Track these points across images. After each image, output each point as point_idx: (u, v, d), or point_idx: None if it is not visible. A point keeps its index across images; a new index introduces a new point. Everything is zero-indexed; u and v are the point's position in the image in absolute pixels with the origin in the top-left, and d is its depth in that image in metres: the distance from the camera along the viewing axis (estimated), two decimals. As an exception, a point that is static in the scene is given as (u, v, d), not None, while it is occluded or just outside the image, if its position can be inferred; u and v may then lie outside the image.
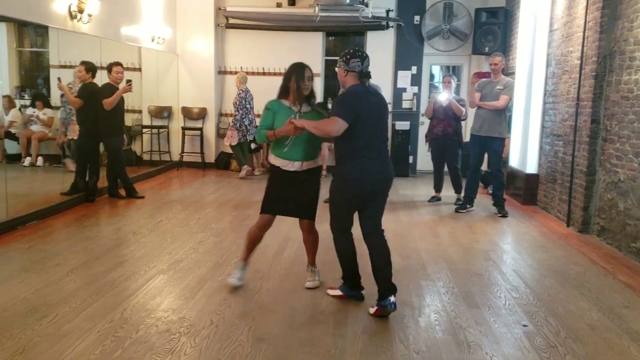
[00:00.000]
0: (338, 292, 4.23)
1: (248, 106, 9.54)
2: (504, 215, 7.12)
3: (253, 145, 10.07)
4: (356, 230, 4.18)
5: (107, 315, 3.74)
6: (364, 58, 3.95)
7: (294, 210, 4.32)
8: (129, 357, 3.19)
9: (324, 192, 4.36)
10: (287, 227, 6.28)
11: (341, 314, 3.91)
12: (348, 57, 3.94)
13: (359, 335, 3.57)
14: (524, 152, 8.10)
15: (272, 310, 3.92)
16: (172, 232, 6.01)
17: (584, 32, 6.33)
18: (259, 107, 8.54)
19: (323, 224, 4.46)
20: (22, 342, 3.32)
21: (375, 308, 3.88)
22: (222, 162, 10.73)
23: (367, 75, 3.97)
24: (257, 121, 9.02)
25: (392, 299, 3.84)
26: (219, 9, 10.47)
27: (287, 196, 4.23)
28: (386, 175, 4.03)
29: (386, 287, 3.89)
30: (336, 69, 4.08)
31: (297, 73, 4.13)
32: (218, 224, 6.39)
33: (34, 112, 8.77)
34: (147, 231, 6.00)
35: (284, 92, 4.21)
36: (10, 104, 8.57)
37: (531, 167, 7.93)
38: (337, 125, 3.79)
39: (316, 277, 4.49)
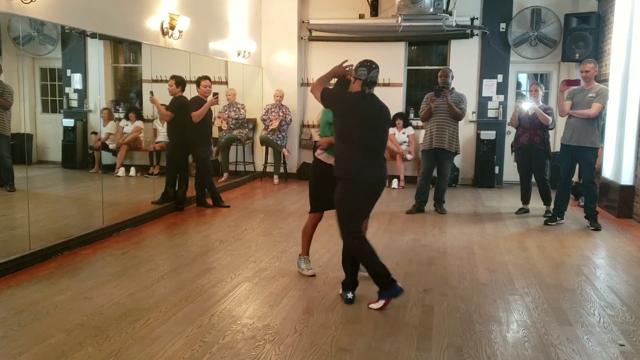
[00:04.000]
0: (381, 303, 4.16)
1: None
2: (597, 229, 6.79)
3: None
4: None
5: (196, 321, 3.86)
6: (372, 69, 4.22)
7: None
8: (216, 362, 3.28)
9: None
10: (368, 237, 6.28)
11: (425, 326, 3.84)
12: (358, 65, 4.28)
13: (444, 349, 3.49)
14: (619, 163, 7.71)
15: (355, 321, 3.91)
16: (257, 241, 6.13)
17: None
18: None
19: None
20: (117, 344, 3.48)
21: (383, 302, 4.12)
22: (304, 173, 10.86)
23: (371, 84, 4.23)
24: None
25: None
26: (303, 22, 10.66)
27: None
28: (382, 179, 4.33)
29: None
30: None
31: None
32: (300, 234, 6.44)
33: (127, 124, 9.23)
34: (232, 239, 6.16)
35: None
36: (109, 116, 9.06)
37: (626, 178, 7.53)
38: (318, 91, 4.27)
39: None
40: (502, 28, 10.10)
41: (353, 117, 4.17)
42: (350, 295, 4.25)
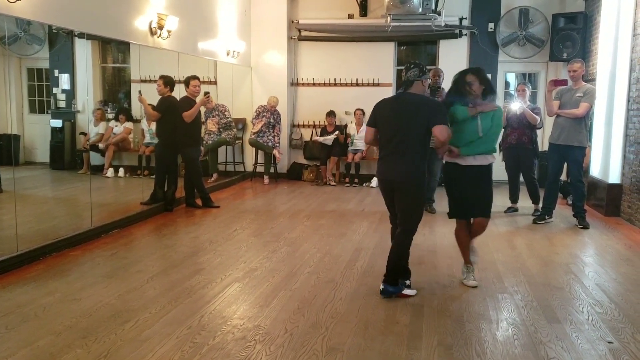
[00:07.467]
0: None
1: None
2: (585, 227, 6.84)
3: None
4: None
5: (186, 322, 3.84)
6: (409, 68, 4.42)
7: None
8: (207, 363, 3.26)
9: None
10: (359, 237, 6.29)
11: (415, 325, 3.85)
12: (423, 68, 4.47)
13: (434, 348, 3.50)
14: (606, 162, 7.76)
15: (346, 321, 3.92)
16: (247, 241, 6.12)
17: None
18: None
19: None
20: (107, 345, 3.45)
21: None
22: (295, 173, 10.86)
23: (405, 83, 4.44)
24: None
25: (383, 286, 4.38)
26: (292, 21, 10.66)
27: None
28: (387, 177, 4.40)
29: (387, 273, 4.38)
30: None
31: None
32: (291, 234, 6.45)
33: (117, 125, 9.18)
34: (222, 240, 6.14)
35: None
36: (102, 116, 9.01)
37: (614, 177, 7.59)
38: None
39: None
40: (491, 28, 10.15)
41: (381, 119, 4.45)
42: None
